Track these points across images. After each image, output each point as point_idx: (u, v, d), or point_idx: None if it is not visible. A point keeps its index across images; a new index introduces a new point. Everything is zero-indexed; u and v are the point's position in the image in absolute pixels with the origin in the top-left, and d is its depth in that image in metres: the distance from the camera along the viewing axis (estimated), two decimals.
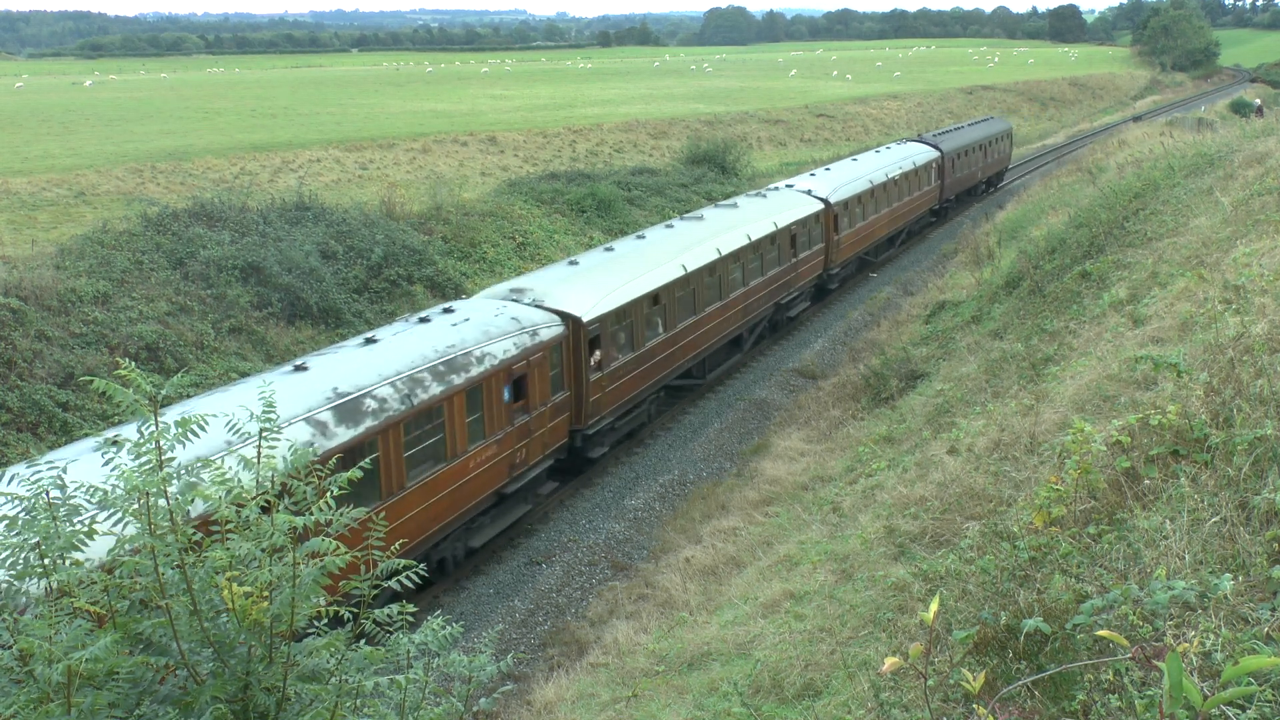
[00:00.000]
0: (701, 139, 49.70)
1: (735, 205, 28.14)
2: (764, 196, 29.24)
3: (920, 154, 39.87)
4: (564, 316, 18.29)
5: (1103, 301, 15.00)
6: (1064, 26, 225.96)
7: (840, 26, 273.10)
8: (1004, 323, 20.19)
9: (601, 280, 19.86)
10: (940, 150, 41.58)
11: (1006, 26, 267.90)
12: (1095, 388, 10.55)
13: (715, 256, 23.46)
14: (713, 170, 44.40)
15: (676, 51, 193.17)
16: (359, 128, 51.63)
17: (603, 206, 36.16)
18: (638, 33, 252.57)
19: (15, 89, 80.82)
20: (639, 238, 23.71)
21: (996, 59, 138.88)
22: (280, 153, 42.24)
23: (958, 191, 45.02)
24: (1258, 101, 64.59)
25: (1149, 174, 22.94)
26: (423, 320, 16.33)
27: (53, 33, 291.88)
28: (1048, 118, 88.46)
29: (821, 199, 30.26)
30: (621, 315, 19.73)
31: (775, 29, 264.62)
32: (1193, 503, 5.81)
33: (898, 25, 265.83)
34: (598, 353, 18.94)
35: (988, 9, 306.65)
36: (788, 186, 31.33)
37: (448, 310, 16.93)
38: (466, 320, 16.28)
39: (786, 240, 27.67)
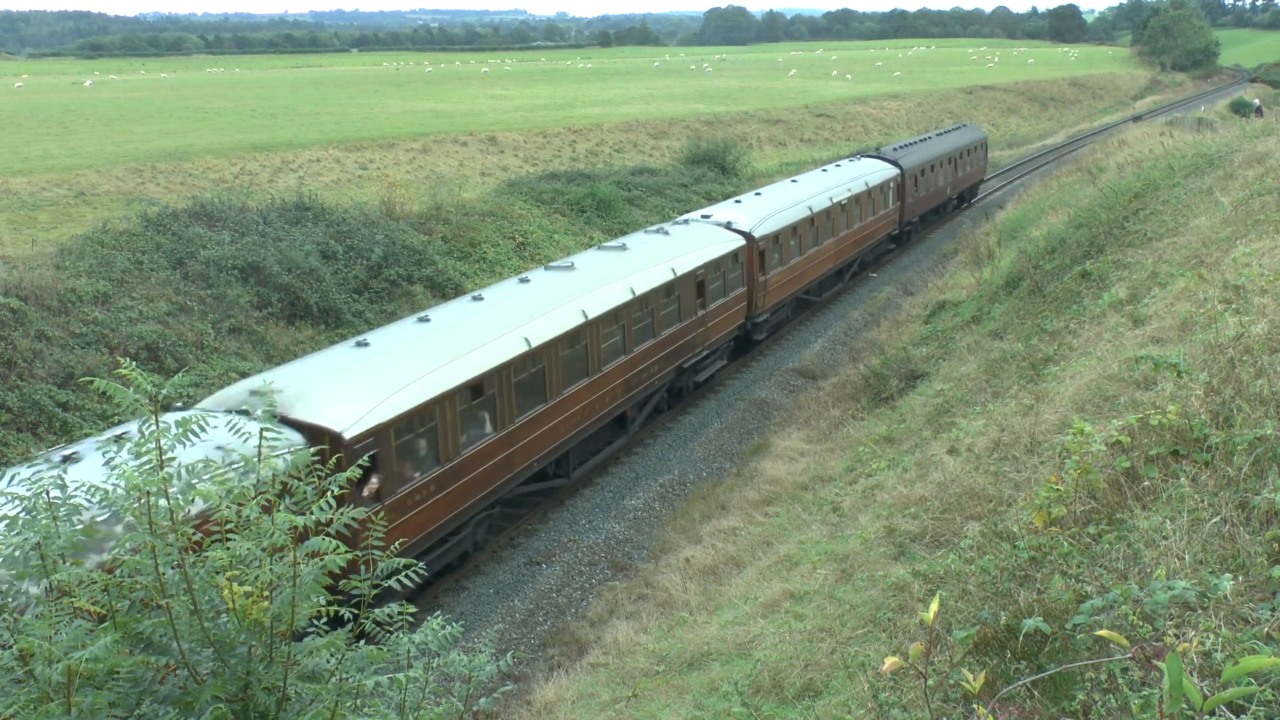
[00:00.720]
0: (701, 139, 49.72)
1: (624, 248, 22.29)
2: (666, 234, 23.87)
3: (876, 172, 35.11)
4: (315, 433, 12.53)
5: (1103, 301, 15.01)
6: (1064, 26, 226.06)
7: (840, 26, 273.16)
8: (1004, 323, 20.20)
9: (388, 373, 14.32)
10: (900, 167, 36.88)
11: (1006, 26, 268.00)
12: (1095, 388, 10.56)
13: (580, 321, 18.25)
14: (713, 170, 44.41)
15: (676, 51, 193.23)
16: (359, 128, 51.64)
17: (603, 206, 36.17)
18: (638, 33, 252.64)
19: (15, 89, 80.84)
20: (475, 299, 18.03)
21: (996, 59, 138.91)
22: (280, 153, 42.25)
23: (922, 212, 40.51)
24: (1257, 101, 64.61)
25: (1149, 174, 22.95)
26: None
27: (53, 33, 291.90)
28: (1048, 118, 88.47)
29: (743, 233, 25.27)
30: (415, 421, 14.19)
31: (775, 29, 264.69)
32: (1193, 503, 5.81)
33: (898, 25, 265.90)
34: (375, 479, 13.24)
35: (988, 9, 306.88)
36: (704, 218, 26.42)
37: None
38: None
39: (690, 289, 22.39)
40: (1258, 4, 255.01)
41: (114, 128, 49.67)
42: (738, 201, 28.71)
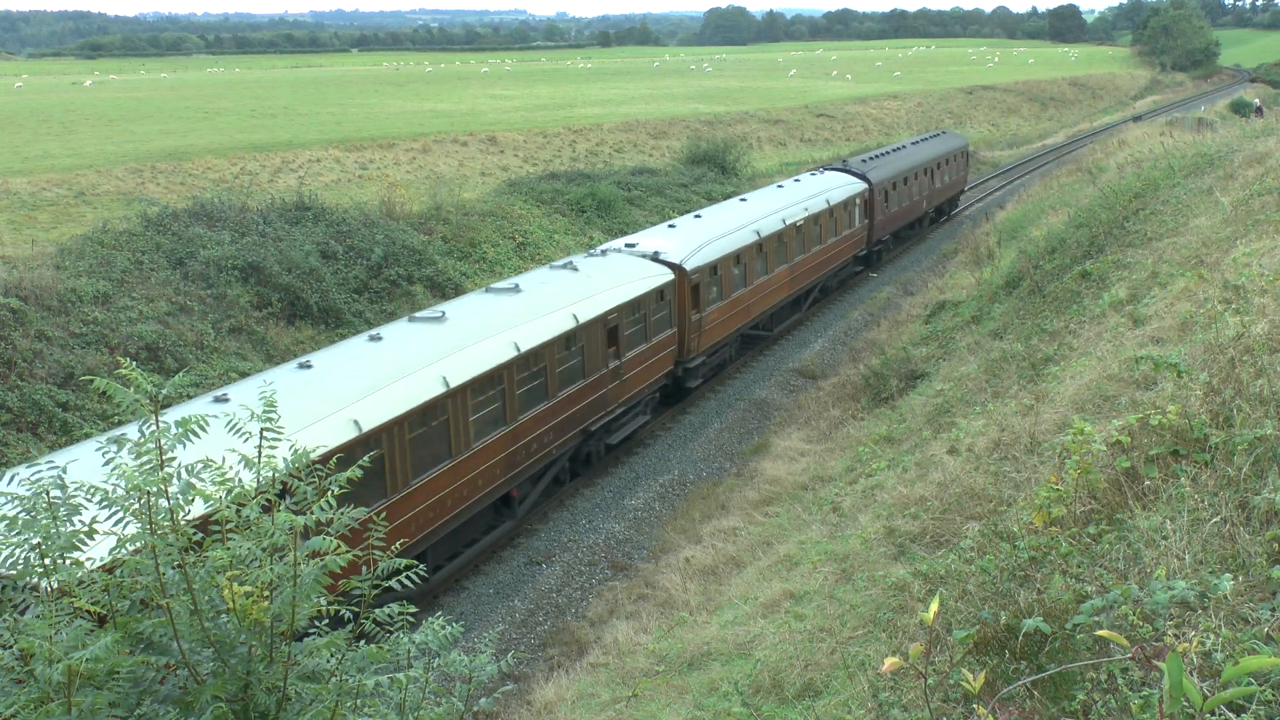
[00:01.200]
0: (701, 139, 49.72)
1: (516, 289, 18.63)
2: (574, 270, 20.07)
3: (840, 187, 31.75)
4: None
5: (1103, 301, 15.01)
6: (1064, 26, 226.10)
7: (840, 26, 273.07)
8: (1004, 323, 20.20)
9: None
10: (868, 181, 33.48)
11: (1006, 26, 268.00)
12: (1095, 388, 10.56)
13: (439, 391, 14.72)
14: (713, 170, 44.42)
15: (676, 51, 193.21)
16: (359, 128, 51.64)
17: (603, 206, 36.18)
18: (638, 33, 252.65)
19: (15, 89, 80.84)
20: (302, 366, 14.63)
21: (996, 59, 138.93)
22: (280, 153, 42.25)
23: (895, 228, 37.27)
24: (1257, 101, 64.61)
25: (1149, 174, 22.95)
26: None
27: (53, 33, 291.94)
28: (1048, 118, 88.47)
29: (672, 264, 21.77)
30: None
31: (775, 29, 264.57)
32: (1193, 503, 5.81)
33: (898, 25, 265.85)
34: None
35: (988, 9, 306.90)
36: (627, 248, 22.60)
37: None
38: None
39: (599, 336, 18.90)
40: (1258, 4, 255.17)
41: (114, 128, 49.67)
42: (671, 226, 25.25)
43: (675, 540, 16.55)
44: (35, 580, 3.70)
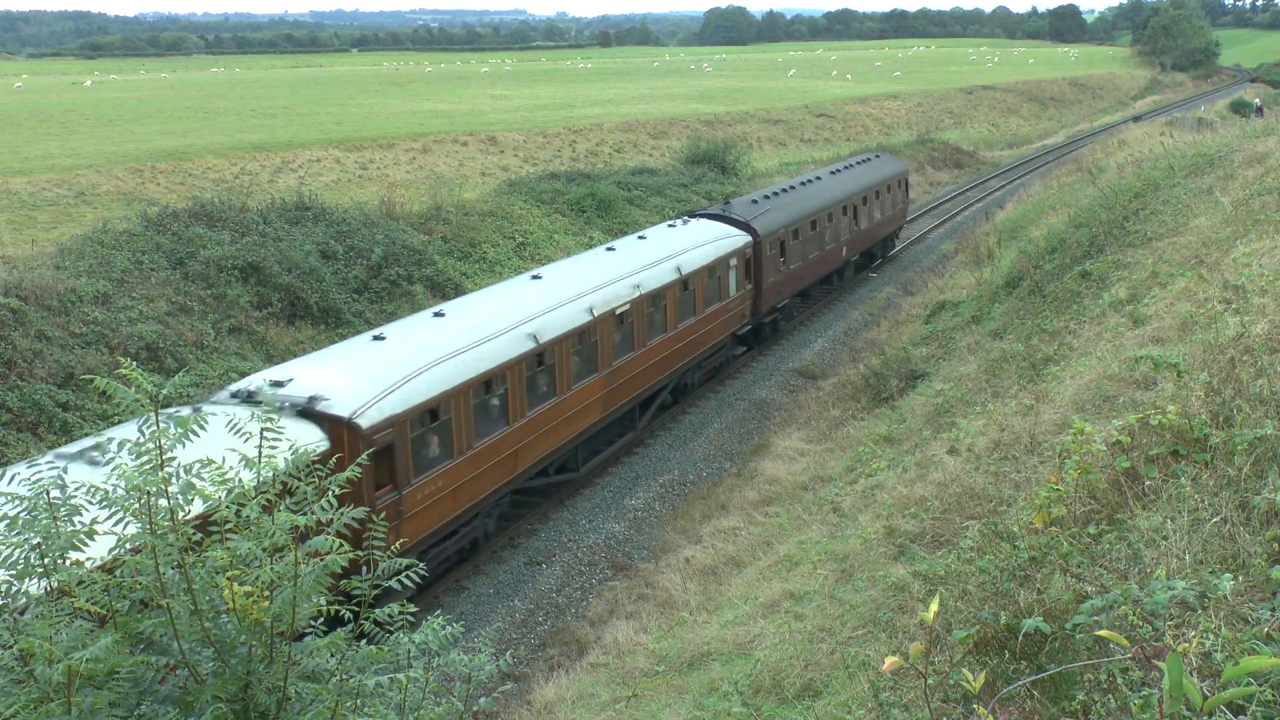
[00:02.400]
0: (701, 139, 49.71)
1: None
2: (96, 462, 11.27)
3: (707, 244, 23.65)
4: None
5: (1103, 301, 15.01)
6: (1064, 26, 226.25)
7: (840, 26, 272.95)
8: (1004, 323, 20.20)
9: None
10: (753, 233, 25.62)
11: (1006, 26, 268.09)
12: (1095, 388, 10.56)
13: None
14: (713, 170, 44.41)
15: (676, 51, 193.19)
16: (359, 128, 51.64)
17: (603, 206, 36.18)
18: (638, 33, 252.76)
19: (15, 89, 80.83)
20: (436, 315, 16.33)
21: (996, 59, 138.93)
22: (280, 153, 42.25)
23: (799, 288, 29.39)
24: (1258, 101, 64.60)
25: (1149, 174, 22.95)
26: None
27: (53, 33, 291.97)
28: (1048, 118, 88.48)
29: (340, 421, 13.09)
30: None
31: (775, 29, 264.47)
32: (1193, 503, 5.81)
33: (898, 25, 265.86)
34: None
35: (988, 9, 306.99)
36: (273, 386, 13.59)
37: None
38: None
39: None
40: (1258, 4, 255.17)
41: (114, 128, 49.66)
42: (378, 338, 15.53)
43: (675, 540, 16.55)
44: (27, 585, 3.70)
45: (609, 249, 22.66)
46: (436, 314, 16.97)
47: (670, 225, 25.19)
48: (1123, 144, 40.39)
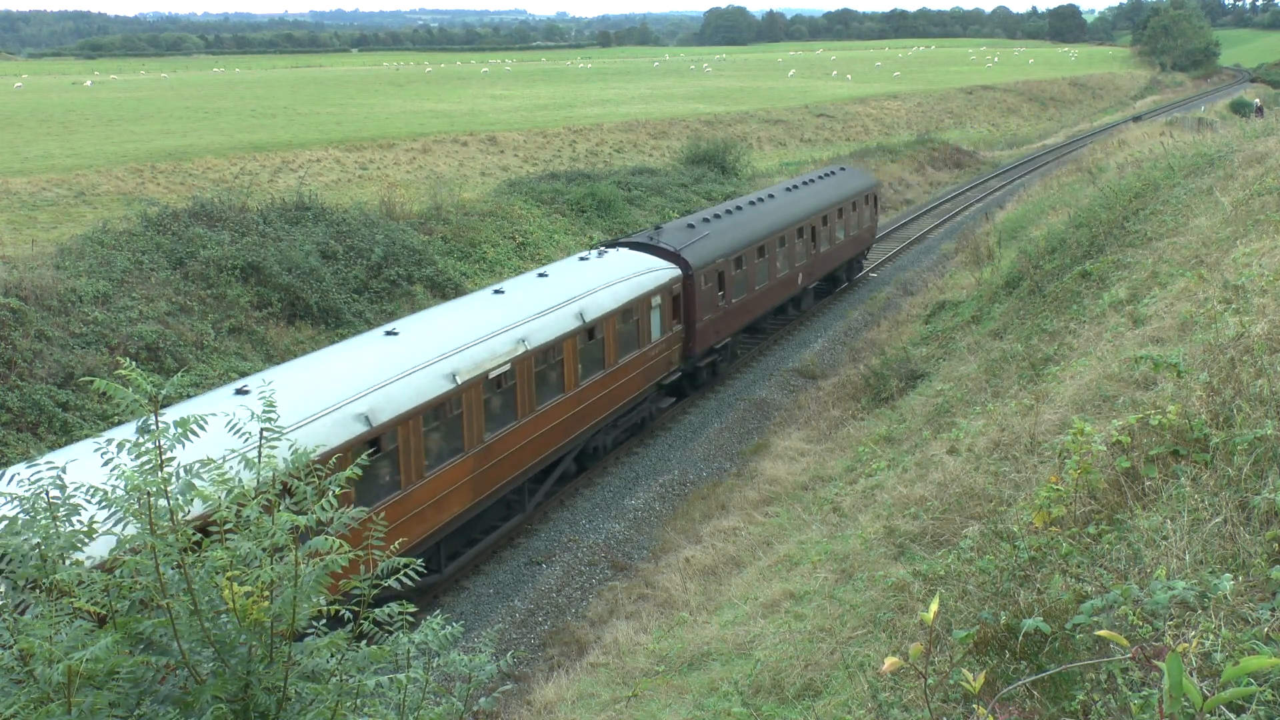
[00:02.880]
0: (701, 139, 49.72)
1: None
2: None
3: (627, 279, 20.43)
4: None
5: (1103, 301, 15.01)
6: (1064, 26, 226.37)
7: (840, 26, 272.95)
8: (1004, 323, 20.20)
9: None
10: (684, 266, 22.33)
11: (1006, 26, 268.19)
12: (1095, 388, 10.55)
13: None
14: (713, 170, 44.42)
15: (676, 51, 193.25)
16: (359, 128, 51.65)
17: (603, 206, 36.19)
18: (637, 33, 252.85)
19: (15, 89, 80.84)
20: (496, 292, 17.83)
21: (996, 59, 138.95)
22: (280, 153, 42.26)
23: (742, 325, 25.94)
24: (1258, 101, 64.61)
25: (1149, 174, 22.94)
26: None
27: (53, 33, 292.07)
28: (1048, 118, 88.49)
29: None
30: None
31: (775, 29, 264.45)
32: (1193, 503, 5.81)
33: (898, 25, 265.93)
34: None
35: (988, 9, 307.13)
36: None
37: None
38: None
39: None
40: (1258, 4, 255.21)
41: (114, 128, 49.67)
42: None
43: (675, 540, 16.55)
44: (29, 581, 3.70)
45: (496, 291, 18.45)
46: (239, 390, 12.76)
47: (582, 258, 21.33)
48: (1123, 144, 40.39)
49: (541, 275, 19.84)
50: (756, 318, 26.92)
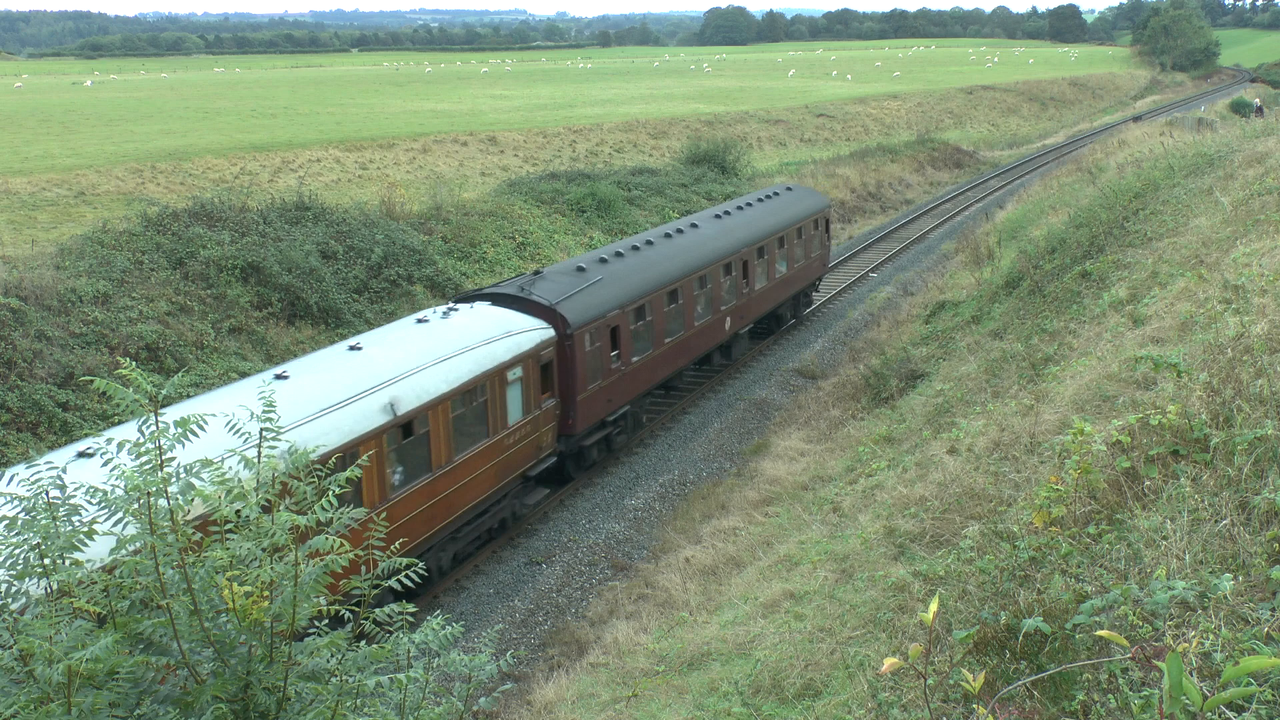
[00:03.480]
0: (701, 139, 49.71)
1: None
2: None
3: (473, 348, 16.14)
4: None
5: (1103, 301, 15.01)
6: (1064, 26, 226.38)
7: (840, 26, 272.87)
8: (1004, 323, 20.20)
9: None
10: (562, 323, 18.30)
11: (1006, 26, 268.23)
12: (1095, 388, 10.55)
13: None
14: (713, 170, 44.42)
15: (676, 51, 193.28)
16: (359, 128, 51.65)
17: (603, 206, 36.19)
18: (638, 33, 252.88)
19: (15, 89, 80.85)
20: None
21: (996, 59, 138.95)
22: (280, 153, 42.26)
23: (653, 383, 21.83)
24: (1258, 101, 64.62)
25: (1149, 174, 22.94)
26: None
27: (53, 33, 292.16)
28: (1048, 118, 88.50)
29: None
30: None
31: (775, 29, 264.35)
32: (1193, 503, 5.80)
33: (897, 25, 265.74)
34: None
35: (988, 9, 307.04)
36: None
37: None
38: None
39: None
40: (1258, 4, 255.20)
41: (114, 128, 49.67)
42: None
43: (675, 540, 16.55)
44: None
45: (279, 376, 13.65)
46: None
47: (421, 320, 16.77)
48: (1123, 144, 40.39)
49: (354, 349, 15.11)
50: (666, 376, 22.49)
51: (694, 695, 10.25)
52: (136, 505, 3.73)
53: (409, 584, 4.27)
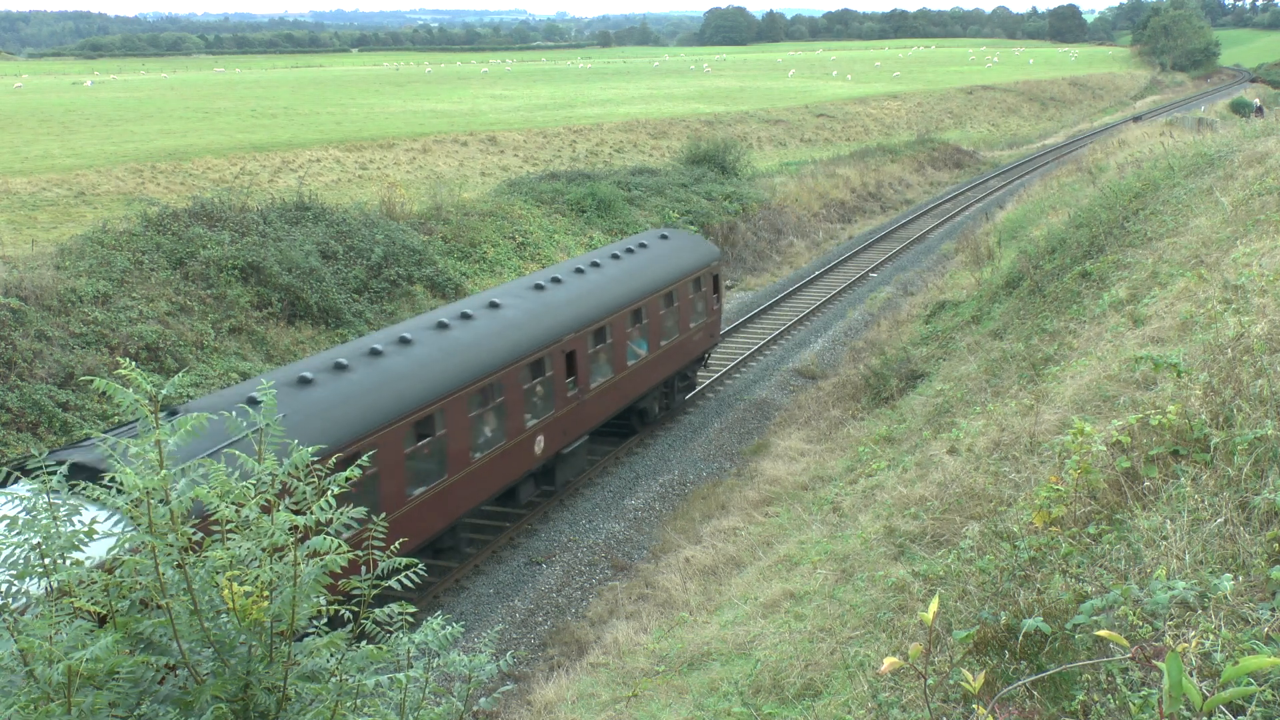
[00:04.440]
0: (701, 139, 49.69)
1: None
2: None
3: None
4: None
5: (1103, 301, 15.01)
6: (1064, 26, 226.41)
7: (840, 26, 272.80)
8: (1004, 323, 20.20)
9: None
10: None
11: (1006, 26, 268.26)
12: (1095, 388, 10.55)
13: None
14: (713, 170, 44.41)
15: (676, 51, 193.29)
16: (359, 128, 51.65)
17: (603, 206, 36.19)
18: (638, 32, 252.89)
19: (15, 89, 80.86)
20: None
21: (996, 59, 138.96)
22: (280, 153, 42.25)
23: (421, 540, 14.51)
24: (1258, 101, 64.64)
25: (1149, 174, 22.94)
26: None
27: (53, 33, 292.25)
28: (1048, 118, 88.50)
29: None
30: None
31: (775, 29, 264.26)
32: (1193, 503, 5.80)
33: (897, 25, 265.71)
34: None
35: (988, 9, 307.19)
36: None
37: None
38: None
39: None
40: (1258, 4, 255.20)
41: (114, 128, 49.67)
42: None
43: (675, 540, 16.55)
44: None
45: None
46: None
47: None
48: (1123, 144, 40.40)
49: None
50: (418, 545, 14.26)
51: (694, 695, 10.25)
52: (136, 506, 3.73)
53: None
